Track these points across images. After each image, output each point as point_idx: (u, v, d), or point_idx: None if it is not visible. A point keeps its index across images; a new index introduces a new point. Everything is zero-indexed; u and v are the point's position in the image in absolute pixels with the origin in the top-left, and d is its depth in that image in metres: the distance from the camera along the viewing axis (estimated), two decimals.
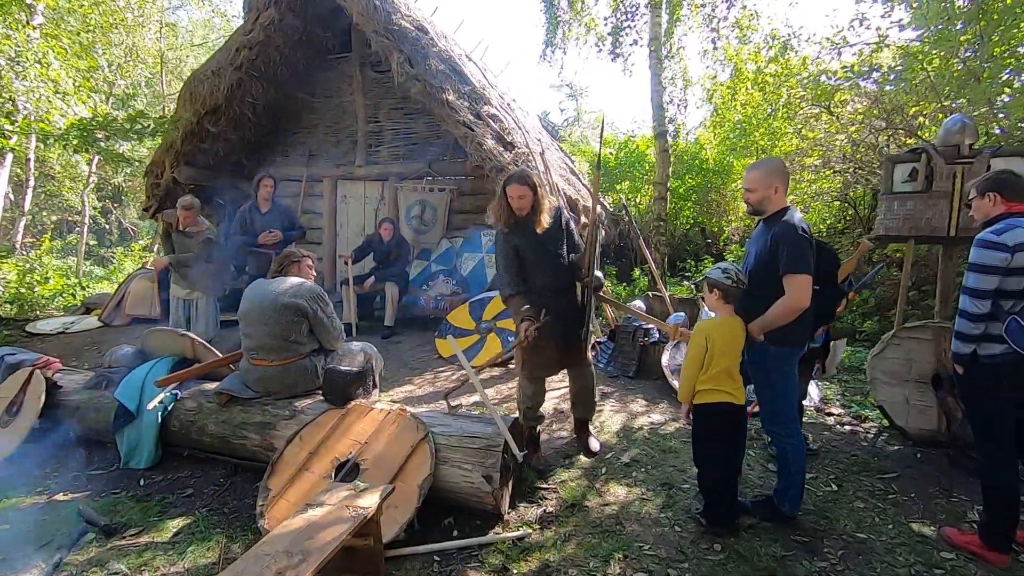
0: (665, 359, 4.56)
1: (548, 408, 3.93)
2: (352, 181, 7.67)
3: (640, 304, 5.41)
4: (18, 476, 3.24)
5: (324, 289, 7.39)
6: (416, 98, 6.26)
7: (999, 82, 5.13)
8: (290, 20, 6.83)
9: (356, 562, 2.21)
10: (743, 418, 2.61)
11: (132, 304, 6.64)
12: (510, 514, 2.76)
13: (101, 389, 3.61)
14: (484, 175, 6.03)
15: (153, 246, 14.42)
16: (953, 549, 2.51)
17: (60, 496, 3.04)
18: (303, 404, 3.23)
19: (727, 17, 10.27)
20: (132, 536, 2.65)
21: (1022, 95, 4.99)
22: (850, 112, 7.68)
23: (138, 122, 6.40)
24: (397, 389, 4.54)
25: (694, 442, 2.70)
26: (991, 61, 5.13)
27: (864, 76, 6.02)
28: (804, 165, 8.67)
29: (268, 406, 3.25)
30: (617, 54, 11.14)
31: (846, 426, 3.90)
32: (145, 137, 6.72)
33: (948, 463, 3.30)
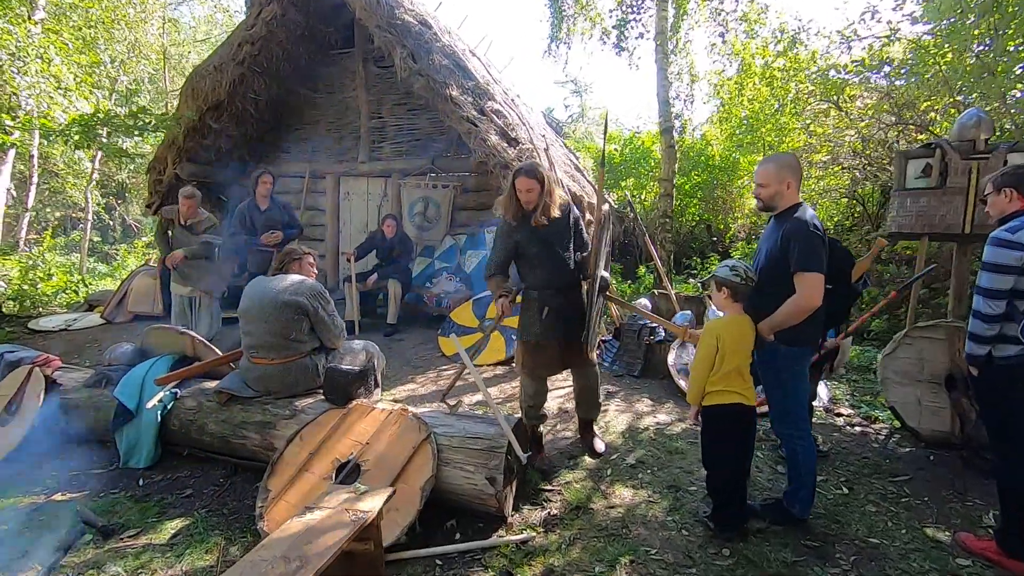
0: (671, 358, 4.50)
1: (552, 407, 3.88)
2: (355, 178, 7.61)
3: (646, 302, 5.34)
4: (17, 475, 3.21)
5: (327, 286, 7.34)
6: (419, 94, 6.19)
7: (1012, 76, 5.03)
8: (292, 15, 6.77)
9: (356, 567, 2.16)
10: (753, 419, 2.55)
11: (134, 301, 6.62)
12: (513, 516, 2.71)
13: (101, 387, 3.56)
14: (488, 171, 5.96)
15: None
16: (969, 555, 2.45)
17: (58, 496, 3.00)
18: (304, 403, 3.18)
19: (735, 10, 10.14)
20: (130, 537, 2.61)
21: None
22: (859, 107, 7.57)
23: (139, 118, 6.37)
24: (400, 388, 4.50)
25: (703, 444, 2.64)
26: (1006, 55, 5.02)
27: (875, 70, 5.91)
28: (812, 161, 8.56)
29: (268, 405, 3.20)
30: (622, 48, 11.03)
31: (856, 427, 3.83)
32: (146, 133, 6.68)
33: (962, 465, 3.23)
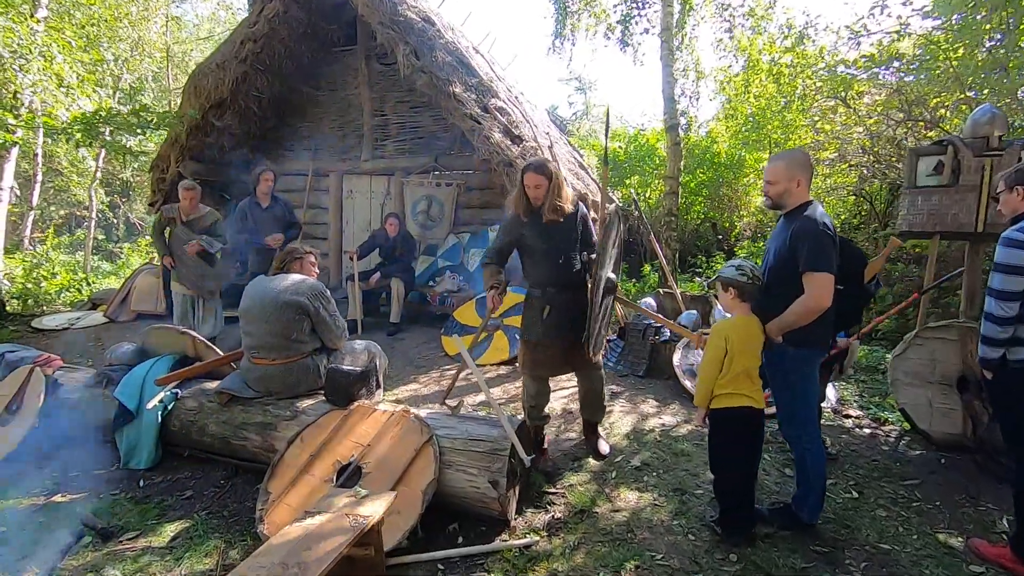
0: (677, 358, 4.44)
1: (556, 408, 3.84)
2: (358, 176, 7.58)
3: (651, 301, 5.28)
4: (17, 476, 3.19)
5: (330, 285, 7.29)
6: (422, 91, 6.15)
7: None
8: (295, 12, 6.74)
9: (356, 572, 2.12)
10: (762, 423, 2.50)
11: (137, 300, 6.60)
12: (517, 520, 2.66)
13: (101, 387, 3.54)
14: (491, 169, 5.91)
15: None
16: (983, 562, 2.39)
17: (58, 497, 2.98)
18: (305, 404, 3.15)
19: (742, 5, 10.00)
20: (129, 540, 2.58)
21: None
22: (867, 104, 7.47)
23: (141, 116, 6.34)
24: (402, 388, 4.46)
25: (711, 447, 2.59)
26: (1018, 50, 4.93)
27: (885, 66, 5.81)
28: (819, 159, 8.46)
29: (269, 406, 3.17)
30: (627, 43, 10.93)
31: (865, 429, 3.77)
32: (148, 131, 6.66)
33: (975, 469, 3.16)
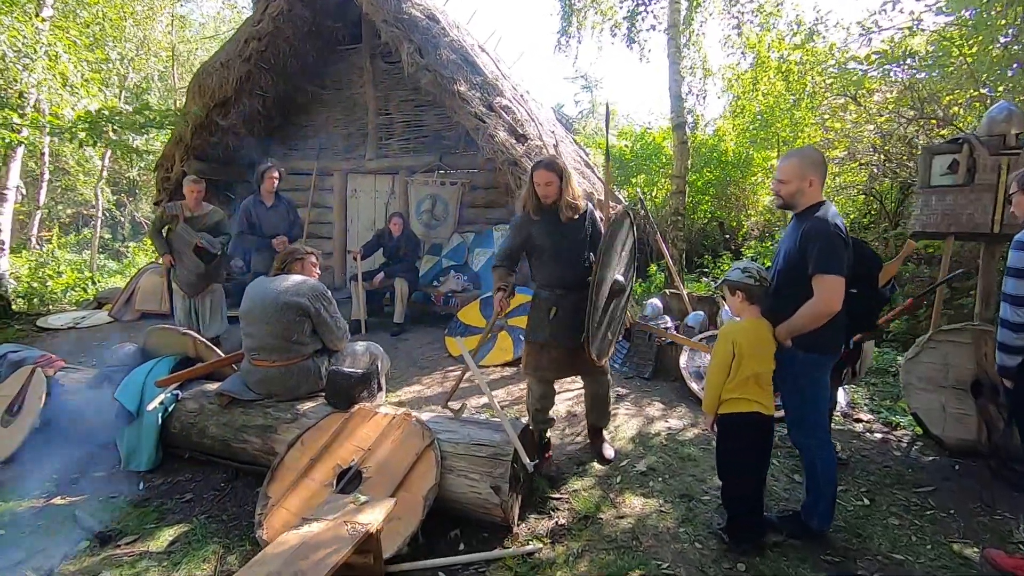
0: (683, 360, 4.38)
1: (560, 411, 3.78)
2: (362, 175, 7.56)
3: (657, 303, 5.21)
4: (17, 477, 3.18)
5: (334, 285, 7.25)
6: (427, 89, 6.11)
7: None
8: (299, 10, 6.71)
9: None
10: (771, 429, 2.44)
11: (142, 299, 6.60)
12: (520, 526, 2.61)
13: (102, 388, 3.52)
14: (496, 168, 5.87)
15: None
16: (999, 573, 2.32)
17: (58, 500, 2.95)
18: (305, 407, 3.11)
19: (751, 0, 9.86)
20: (127, 545, 2.55)
21: None
22: (878, 102, 7.35)
23: (143, 114, 6.33)
24: (405, 389, 4.42)
25: (718, 453, 2.53)
26: None
27: (897, 62, 5.70)
28: (829, 158, 8.35)
29: (270, 408, 3.14)
30: (633, 40, 10.82)
31: (876, 433, 3.69)
32: (150, 129, 6.65)
33: (990, 476, 3.08)
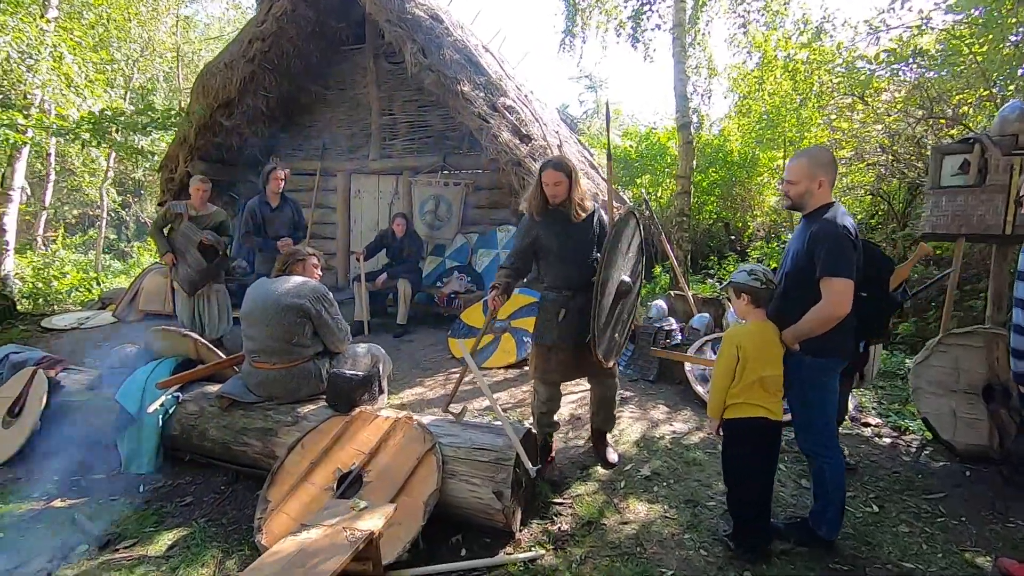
0: (689, 363, 4.32)
1: (564, 414, 3.74)
2: (366, 175, 7.54)
3: (662, 304, 5.16)
4: (18, 479, 3.17)
5: (337, 286, 7.21)
6: (430, 89, 6.08)
7: None
8: (303, 11, 6.68)
9: None
10: (778, 434, 2.39)
11: (146, 300, 6.58)
12: (522, 532, 2.58)
13: (103, 390, 3.51)
14: (500, 168, 5.83)
15: None
16: None
17: (58, 502, 2.94)
18: (306, 410, 3.08)
19: None
20: (125, 549, 2.53)
21: None
22: (886, 101, 7.26)
23: (146, 115, 6.33)
24: (408, 391, 4.39)
25: (724, 459, 2.48)
26: None
27: (906, 61, 5.63)
28: (836, 158, 8.26)
29: (270, 411, 3.11)
30: (637, 39, 10.73)
31: (885, 438, 3.63)
32: (153, 130, 6.65)
33: (1002, 482, 3.02)
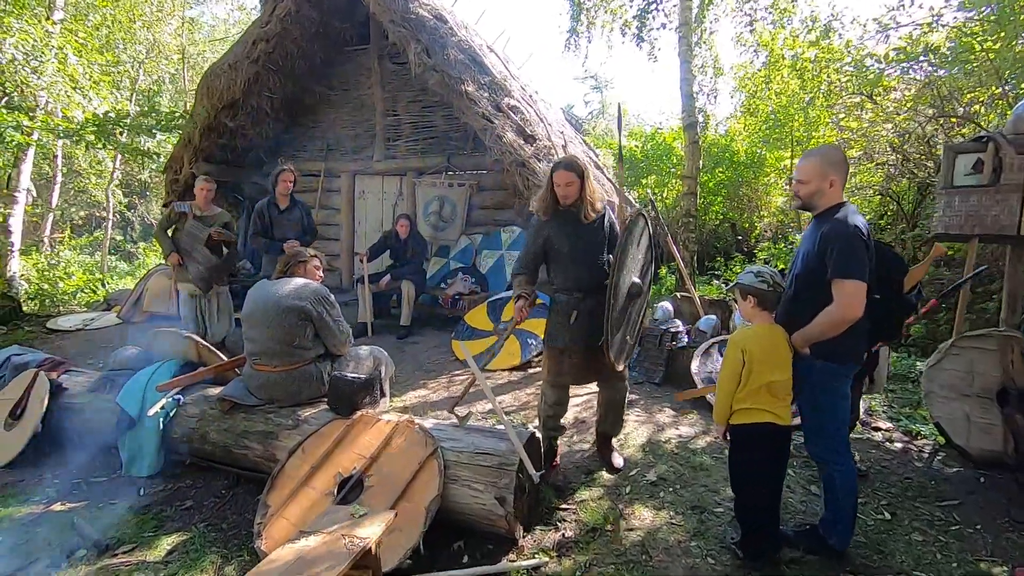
0: (695, 366, 4.26)
1: (569, 417, 3.67)
2: (370, 176, 7.52)
3: (668, 306, 5.10)
4: (18, 482, 3.15)
5: (341, 287, 7.19)
6: (434, 90, 6.06)
7: None
8: (307, 11, 6.69)
9: None
10: (787, 440, 2.33)
11: (150, 301, 6.61)
12: (525, 539, 2.53)
13: (105, 392, 3.48)
14: (504, 169, 5.79)
15: None
16: None
17: (57, 506, 2.92)
18: (307, 413, 3.05)
19: None
20: (124, 554, 2.50)
21: None
22: (896, 100, 7.17)
23: (150, 116, 6.33)
24: (411, 393, 4.35)
25: (731, 465, 2.43)
26: None
27: (916, 59, 5.54)
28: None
29: (271, 414, 3.08)
30: (643, 39, 10.68)
31: (896, 443, 3.56)
32: (156, 132, 6.65)
33: (1017, 489, 2.94)
